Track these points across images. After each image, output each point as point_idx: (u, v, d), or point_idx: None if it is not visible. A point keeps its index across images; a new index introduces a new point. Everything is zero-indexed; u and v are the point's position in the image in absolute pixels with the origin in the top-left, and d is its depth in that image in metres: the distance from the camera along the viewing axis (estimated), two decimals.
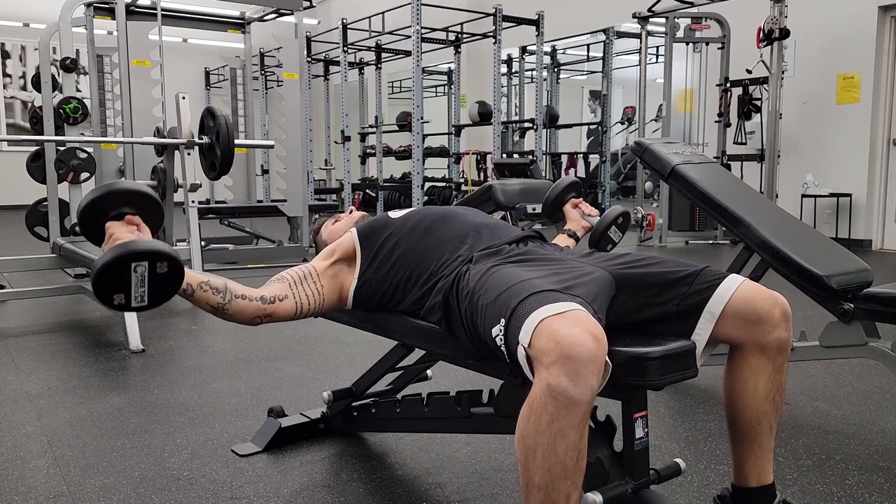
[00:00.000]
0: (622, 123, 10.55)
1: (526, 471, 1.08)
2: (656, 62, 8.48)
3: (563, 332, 1.04)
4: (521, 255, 1.43)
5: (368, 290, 1.58)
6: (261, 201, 7.93)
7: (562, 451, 1.05)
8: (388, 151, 10.07)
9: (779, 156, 5.91)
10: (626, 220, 1.95)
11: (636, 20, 6.77)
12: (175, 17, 5.82)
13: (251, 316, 1.44)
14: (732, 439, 1.37)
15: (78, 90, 4.72)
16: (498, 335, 1.17)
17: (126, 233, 1.30)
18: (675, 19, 6.78)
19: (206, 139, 4.10)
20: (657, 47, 8.49)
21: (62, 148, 4.45)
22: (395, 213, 1.66)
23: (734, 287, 1.30)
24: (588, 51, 10.08)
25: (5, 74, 11.27)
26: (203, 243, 4.52)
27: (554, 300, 1.12)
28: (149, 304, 1.28)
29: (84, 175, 4.46)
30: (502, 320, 1.16)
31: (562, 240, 1.93)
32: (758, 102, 6.51)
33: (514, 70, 10.31)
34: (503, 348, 1.17)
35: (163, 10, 5.20)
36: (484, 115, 8.47)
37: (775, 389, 1.32)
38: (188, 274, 1.34)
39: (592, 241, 1.94)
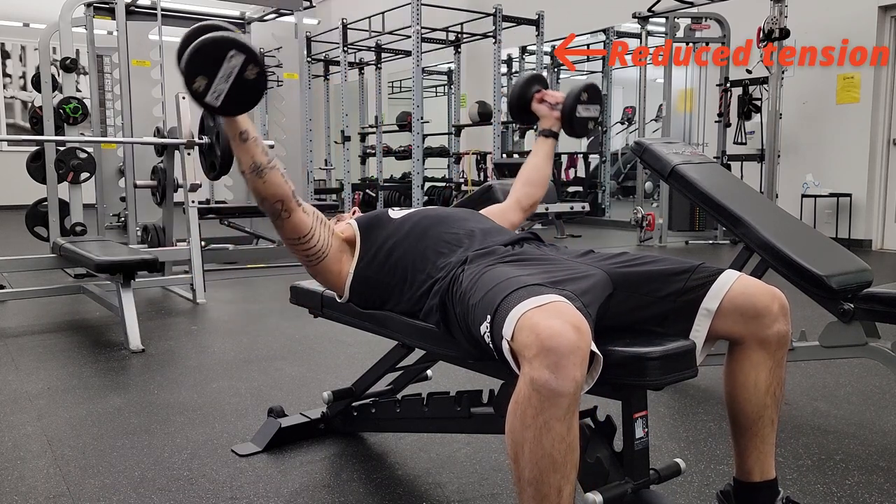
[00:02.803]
0: (622, 123, 10.55)
1: (516, 465, 1.09)
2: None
3: (543, 325, 1.04)
4: (516, 256, 1.43)
5: (364, 286, 1.59)
6: None
7: (548, 445, 1.05)
8: (388, 151, 10.07)
9: (779, 156, 5.91)
10: (593, 91, 1.83)
11: (636, 20, 6.77)
12: (175, 17, 5.81)
13: (279, 196, 1.44)
14: (734, 434, 1.37)
15: (78, 90, 4.73)
16: (485, 332, 1.17)
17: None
18: (675, 19, 6.79)
19: (206, 139, 4.11)
20: (657, 47, 8.48)
21: (62, 148, 4.45)
22: (394, 213, 1.66)
23: (730, 282, 1.30)
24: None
25: (5, 74, 11.27)
26: (203, 243, 4.52)
27: (536, 294, 1.12)
28: (220, 105, 1.27)
29: (84, 175, 4.46)
30: (488, 317, 1.17)
31: (541, 144, 1.91)
32: (758, 102, 6.51)
33: (514, 70, 10.31)
34: (491, 345, 1.17)
35: (163, 10, 5.20)
36: (484, 115, 8.48)
37: (776, 383, 1.33)
38: (249, 121, 1.35)
39: (567, 129, 1.86)
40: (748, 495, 1.37)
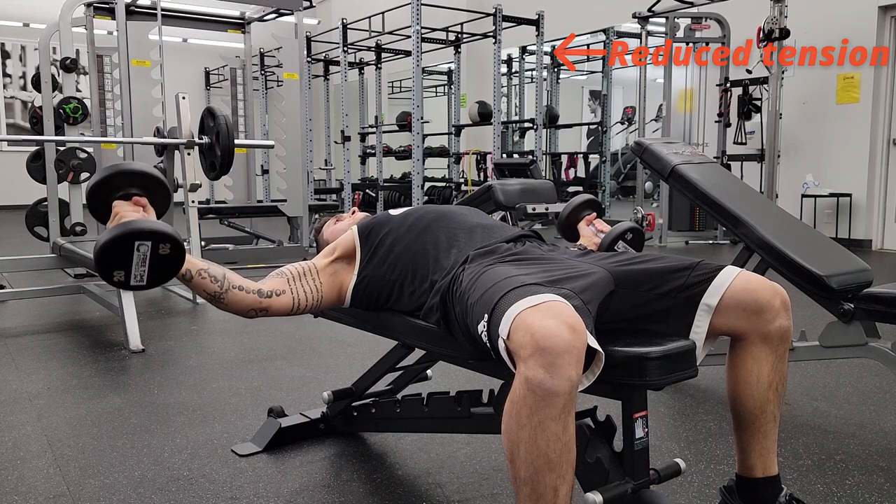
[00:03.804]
0: (622, 123, 10.55)
1: (513, 465, 1.09)
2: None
3: (538, 325, 1.04)
4: (517, 255, 1.43)
5: (366, 288, 1.58)
6: (261, 201, 7.94)
7: (543, 444, 1.05)
8: (388, 151, 10.07)
9: (779, 156, 5.91)
10: (637, 235, 1.90)
11: (636, 20, 6.77)
12: (175, 17, 5.82)
13: (247, 308, 1.45)
14: (737, 430, 1.38)
15: (78, 90, 4.73)
16: (483, 331, 1.18)
17: (132, 213, 1.32)
18: (675, 19, 6.79)
19: (206, 139, 4.10)
20: (657, 47, 8.48)
21: (62, 148, 4.45)
22: (395, 211, 1.67)
23: (730, 278, 1.31)
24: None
25: (5, 74, 11.27)
26: (203, 243, 4.52)
27: (533, 293, 1.12)
28: (147, 284, 1.30)
29: (84, 175, 4.46)
30: (486, 315, 1.17)
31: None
32: (758, 102, 6.51)
33: (514, 70, 10.30)
34: (488, 343, 1.17)
35: (163, 10, 5.20)
36: (484, 115, 8.47)
37: (778, 379, 1.33)
38: (189, 259, 1.35)
39: (600, 250, 1.91)
40: (751, 491, 1.37)
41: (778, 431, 1.38)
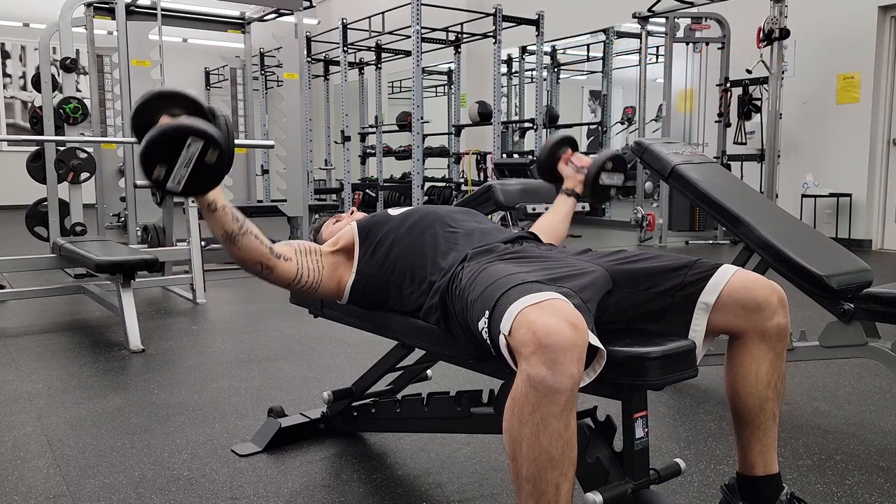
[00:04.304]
0: (622, 123, 10.55)
1: (514, 463, 1.09)
2: (656, 62, 8.48)
3: (540, 322, 1.05)
4: (515, 253, 1.43)
5: (365, 287, 1.59)
6: (261, 201, 7.94)
7: (546, 442, 1.05)
8: (388, 151, 10.07)
9: (779, 156, 5.91)
10: (619, 162, 1.85)
11: (636, 20, 6.77)
12: (175, 17, 5.82)
13: (256, 259, 1.45)
14: (736, 428, 1.38)
15: (78, 90, 4.73)
16: (483, 328, 1.18)
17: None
18: (675, 19, 6.78)
19: None
20: (657, 47, 8.49)
21: (62, 148, 4.45)
22: (394, 211, 1.67)
23: (727, 276, 1.31)
24: (588, 51, 10.08)
25: (5, 74, 11.27)
26: (203, 243, 4.52)
27: (534, 291, 1.12)
28: (182, 190, 1.26)
29: (84, 175, 4.46)
30: (486, 313, 1.17)
31: (562, 203, 1.92)
32: (758, 102, 6.51)
33: (514, 70, 10.31)
34: (488, 341, 1.17)
35: (163, 10, 5.20)
36: (484, 115, 8.48)
37: (777, 376, 1.33)
38: (218, 190, 1.35)
39: (587, 193, 1.88)
40: (752, 489, 1.37)
41: (778, 430, 1.38)
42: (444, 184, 9.77)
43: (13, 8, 10.76)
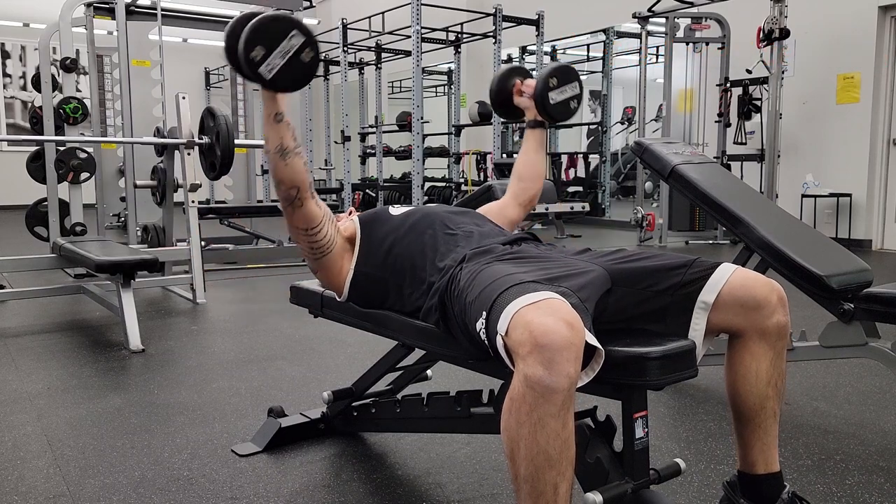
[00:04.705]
0: (622, 123, 10.55)
1: (512, 463, 1.09)
2: (656, 62, 8.48)
3: (536, 322, 1.05)
4: (514, 254, 1.43)
5: (364, 285, 1.60)
6: (261, 201, 7.94)
7: (543, 441, 1.05)
8: (388, 151, 10.07)
9: (779, 156, 5.91)
10: (561, 73, 1.75)
11: (636, 20, 6.77)
12: (175, 17, 5.82)
13: (296, 182, 1.46)
14: (737, 426, 1.38)
15: (78, 90, 4.73)
16: (481, 329, 1.18)
17: None
18: (675, 19, 6.79)
19: (206, 139, 4.11)
20: (657, 47, 8.49)
21: (62, 148, 4.45)
22: (395, 210, 1.67)
23: (727, 275, 1.31)
24: (588, 51, 10.08)
25: (5, 74, 11.27)
26: (203, 243, 4.52)
27: (531, 291, 1.12)
28: (270, 79, 1.33)
29: (84, 175, 4.46)
30: (484, 313, 1.17)
31: (528, 137, 1.89)
32: (758, 102, 6.51)
33: None
34: (486, 342, 1.17)
35: (163, 10, 5.20)
36: (484, 115, 8.47)
37: (777, 375, 1.33)
38: (286, 104, 1.43)
39: (547, 118, 1.81)
40: (753, 487, 1.37)
41: (779, 429, 1.38)
42: (444, 184, 9.77)
43: (13, 8, 10.75)
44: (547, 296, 1.10)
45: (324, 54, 10.84)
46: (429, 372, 2.09)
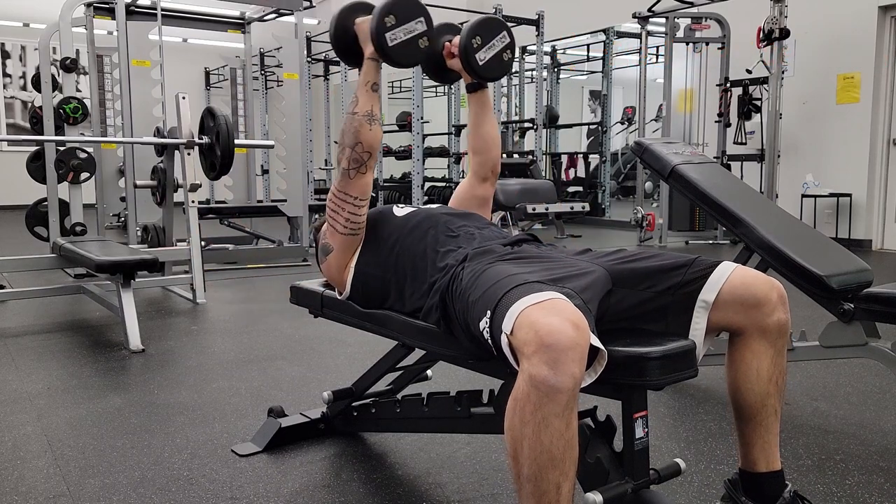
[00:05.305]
0: (622, 123, 10.55)
1: (515, 462, 1.09)
2: (656, 62, 8.48)
3: (542, 322, 1.05)
4: (516, 254, 1.44)
5: (365, 284, 1.60)
6: (261, 201, 7.94)
7: (547, 441, 1.05)
8: (388, 151, 10.06)
9: (779, 156, 5.91)
10: (483, 28, 1.68)
11: (636, 20, 6.77)
12: (175, 17, 5.82)
13: (374, 146, 1.59)
14: (738, 425, 1.38)
15: (78, 90, 4.72)
16: (485, 328, 1.18)
17: None
18: (675, 19, 6.78)
19: (206, 139, 4.11)
20: (657, 47, 8.49)
21: (62, 148, 4.45)
22: (398, 210, 1.68)
23: (727, 274, 1.31)
24: (588, 51, 10.08)
25: (5, 74, 11.26)
26: (203, 243, 4.52)
27: (536, 291, 1.12)
28: (390, 49, 1.52)
29: (84, 175, 4.46)
30: (488, 312, 1.17)
31: (470, 102, 1.85)
32: (758, 102, 6.51)
33: (513, 70, 10.30)
34: (490, 341, 1.17)
35: (163, 10, 5.20)
36: None
37: (778, 372, 1.33)
38: (381, 76, 1.60)
39: (481, 80, 1.75)
40: (754, 485, 1.37)
41: (780, 428, 1.38)
42: (444, 184, 9.77)
43: (13, 8, 10.75)
44: (552, 296, 1.11)
45: (324, 54, 10.85)
46: (429, 372, 2.09)
